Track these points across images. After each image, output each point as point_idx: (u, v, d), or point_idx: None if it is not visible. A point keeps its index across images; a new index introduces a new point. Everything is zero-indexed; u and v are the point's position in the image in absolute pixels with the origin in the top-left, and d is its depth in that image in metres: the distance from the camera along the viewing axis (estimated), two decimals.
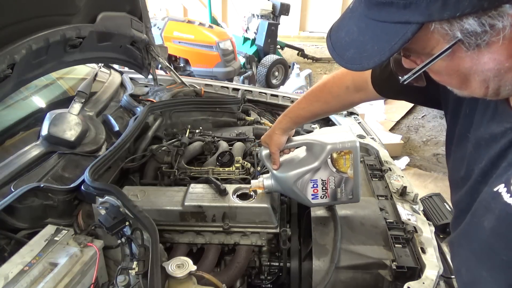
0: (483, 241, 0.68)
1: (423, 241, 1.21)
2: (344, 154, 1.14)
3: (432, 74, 0.65)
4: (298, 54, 7.38)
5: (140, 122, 1.71)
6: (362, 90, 1.08)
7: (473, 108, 0.74)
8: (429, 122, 5.04)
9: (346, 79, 1.11)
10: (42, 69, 1.56)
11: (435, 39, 0.56)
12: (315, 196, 1.20)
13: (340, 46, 0.63)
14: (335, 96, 1.14)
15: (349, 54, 0.62)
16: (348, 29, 0.63)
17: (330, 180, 1.17)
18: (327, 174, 1.16)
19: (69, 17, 1.55)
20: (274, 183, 1.23)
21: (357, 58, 0.60)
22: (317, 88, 1.18)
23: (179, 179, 1.54)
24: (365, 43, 0.59)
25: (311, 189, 1.19)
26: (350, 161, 1.15)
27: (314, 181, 1.17)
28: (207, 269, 1.26)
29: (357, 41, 0.61)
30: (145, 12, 2.04)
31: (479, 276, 0.70)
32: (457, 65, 0.59)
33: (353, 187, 1.19)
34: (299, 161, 1.19)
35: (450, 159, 0.85)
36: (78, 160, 1.52)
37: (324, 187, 1.18)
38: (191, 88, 2.30)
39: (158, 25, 5.13)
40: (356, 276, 1.15)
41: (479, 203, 0.69)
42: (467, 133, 0.75)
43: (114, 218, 1.13)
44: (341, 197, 1.21)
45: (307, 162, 1.17)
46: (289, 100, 2.36)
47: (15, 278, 0.97)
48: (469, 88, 0.63)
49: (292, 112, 1.20)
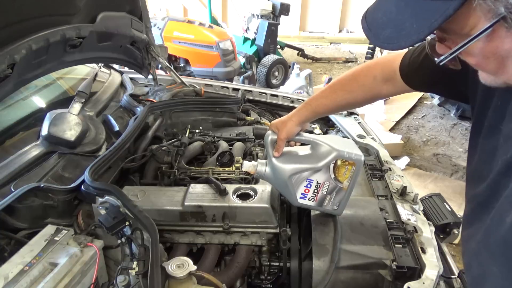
0: (500, 237, 0.67)
1: (423, 241, 1.21)
2: (348, 165, 1.14)
3: (468, 57, 0.64)
4: (298, 54, 7.38)
5: (140, 122, 1.71)
6: (390, 80, 1.06)
7: (506, 100, 0.72)
8: (429, 122, 5.04)
9: (374, 68, 1.09)
10: (42, 69, 1.56)
11: (476, 17, 0.55)
12: (303, 196, 1.19)
13: (377, 26, 0.63)
14: (360, 85, 1.12)
15: (386, 33, 0.61)
16: (386, 9, 0.63)
17: (324, 185, 1.17)
18: (324, 178, 1.16)
19: (69, 17, 1.55)
20: (268, 171, 1.19)
21: (394, 37, 0.60)
22: (344, 77, 1.15)
23: (179, 179, 1.54)
24: (404, 22, 0.58)
25: (303, 187, 1.18)
26: (350, 173, 1.15)
27: (310, 181, 1.17)
28: (207, 269, 1.26)
29: (395, 20, 0.60)
30: (145, 12, 2.04)
31: (489, 271, 0.70)
32: (496, 47, 0.58)
33: (342, 198, 1.19)
34: (302, 158, 1.18)
35: (476, 152, 0.83)
36: (78, 160, 1.52)
37: (316, 190, 1.18)
38: (191, 88, 2.30)
39: (158, 25, 5.13)
40: (356, 276, 1.15)
41: (505, 199, 0.68)
42: (499, 125, 0.74)
43: (114, 218, 1.13)
44: (327, 205, 1.21)
45: (309, 160, 1.16)
46: (289, 100, 2.36)
47: (15, 278, 0.97)
48: (506, 74, 0.61)
49: (314, 101, 1.16)
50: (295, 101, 2.34)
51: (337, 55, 8.21)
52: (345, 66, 7.53)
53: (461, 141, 4.53)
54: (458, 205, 3.32)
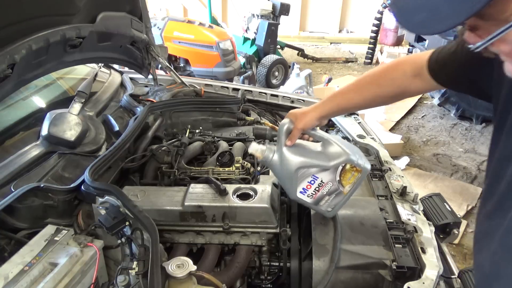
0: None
1: (423, 241, 1.21)
2: (354, 171, 1.14)
3: (502, 45, 0.62)
4: (298, 54, 7.38)
5: (140, 122, 1.72)
6: (419, 75, 1.05)
7: None
8: (429, 122, 5.04)
9: (404, 63, 1.08)
10: (42, 69, 1.56)
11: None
12: (303, 191, 1.18)
13: (408, 11, 0.61)
14: (389, 79, 1.10)
15: (419, 18, 0.59)
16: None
17: (327, 185, 1.17)
18: (329, 178, 1.15)
19: (69, 17, 1.55)
20: (275, 158, 1.17)
21: (428, 22, 0.58)
22: (372, 72, 1.14)
23: (179, 179, 1.54)
24: (440, 5, 0.56)
25: (306, 183, 1.17)
26: (355, 179, 1.15)
27: (315, 178, 1.16)
28: (207, 269, 1.26)
29: (430, 3, 0.58)
30: (145, 12, 2.04)
31: (504, 271, 0.69)
32: None
33: (338, 202, 1.19)
34: (312, 153, 1.17)
35: (497, 149, 0.82)
36: (78, 160, 1.52)
37: (317, 188, 1.17)
38: (191, 88, 2.30)
39: (158, 25, 5.12)
40: (356, 276, 1.15)
41: None
42: None
43: (114, 218, 1.13)
44: (322, 205, 1.21)
45: (320, 158, 1.15)
46: (289, 100, 2.36)
47: (15, 278, 0.97)
48: None
49: (340, 95, 1.14)
50: (295, 101, 2.34)
51: (337, 55, 8.20)
52: (345, 66, 7.53)
53: (461, 141, 4.54)
54: (458, 205, 3.33)
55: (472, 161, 4.14)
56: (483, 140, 4.52)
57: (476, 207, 3.40)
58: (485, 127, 4.75)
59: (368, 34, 7.34)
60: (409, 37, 5.76)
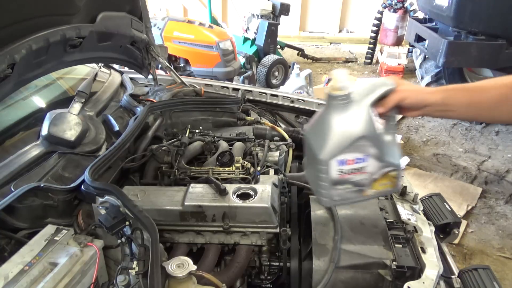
0: None
1: (423, 241, 1.21)
2: (390, 182, 1.03)
3: None
4: (298, 54, 7.38)
5: (140, 122, 1.72)
6: None
7: None
8: (429, 122, 5.04)
9: None
10: (42, 69, 1.56)
11: None
12: (341, 163, 0.95)
13: None
14: None
15: None
16: None
17: (361, 175, 0.99)
18: (371, 171, 0.99)
19: (69, 17, 1.55)
20: (345, 106, 0.94)
21: None
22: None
23: (179, 179, 1.54)
24: None
25: (352, 157, 0.95)
26: (383, 188, 1.04)
27: (364, 159, 0.96)
28: (207, 269, 1.26)
29: None
30: (145, 12, 2.04)
31: None
32: None
33: (349, 198, 1.03)
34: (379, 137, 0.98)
35: None
36: (78, 160, 1.52)
37: (356, 170, 0.97)
38: (191, 88, 2.30)
39: (158, 25, 5.12)
40: (356, 276, 1.15)
41: None
42: None
43: (114, 218, 1.13)
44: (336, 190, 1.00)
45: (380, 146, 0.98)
46: (289, 100, 2.36)
47: (15, 278, 0.97)
48: None
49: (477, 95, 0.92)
50: (295, 101, 2.34)
51: (337, 55, 8.20)
52: (345, 66, 7.52)
53: (461, 141, 4.54)
54: (458, 205, 3.33)
55: (472, 161, 4.14)
56: (483, 140, 4.52)
57: (476, 207, 3.40)
58: (485, 127, 4.75)
59: (368, 34, 7.34)
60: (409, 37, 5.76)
